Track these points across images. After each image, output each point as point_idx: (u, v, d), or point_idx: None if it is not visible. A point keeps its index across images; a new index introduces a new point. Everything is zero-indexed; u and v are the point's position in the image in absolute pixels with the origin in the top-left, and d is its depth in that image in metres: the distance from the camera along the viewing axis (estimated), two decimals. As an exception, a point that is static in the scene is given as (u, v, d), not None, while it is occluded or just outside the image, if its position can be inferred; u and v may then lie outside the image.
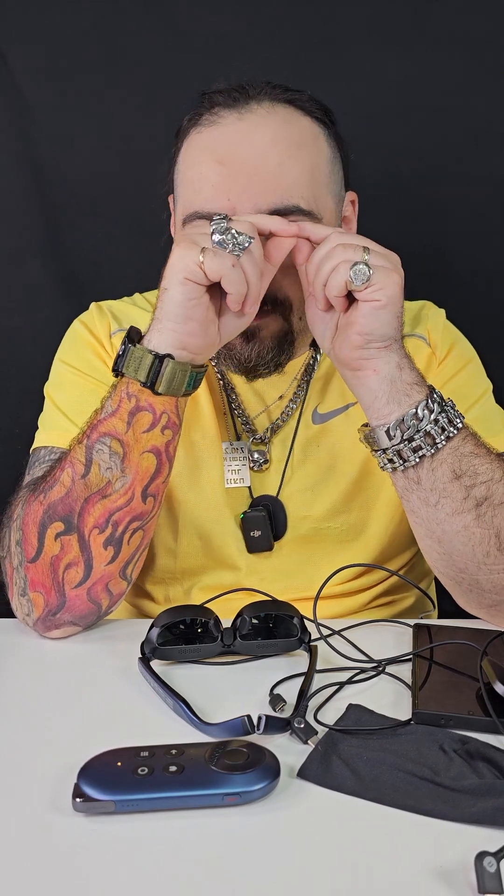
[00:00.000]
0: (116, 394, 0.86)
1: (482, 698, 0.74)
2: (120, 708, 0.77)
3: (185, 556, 1.04)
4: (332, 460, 1.04)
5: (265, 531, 1.02)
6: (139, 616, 1.11)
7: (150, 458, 0.87)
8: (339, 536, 1.04)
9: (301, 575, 1.02)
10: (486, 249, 1.37)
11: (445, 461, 0.85)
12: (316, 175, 0.94)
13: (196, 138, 0.94)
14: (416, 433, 0.84)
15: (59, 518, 0.86)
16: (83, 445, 0.87)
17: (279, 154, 0.91)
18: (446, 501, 0.85)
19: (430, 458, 0.84)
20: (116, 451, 0.86)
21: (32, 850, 0.61)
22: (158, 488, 0.89)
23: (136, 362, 0.84)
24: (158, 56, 1.31)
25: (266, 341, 0.96)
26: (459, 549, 0.86)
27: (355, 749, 0.69)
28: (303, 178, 0.92)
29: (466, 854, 0.57)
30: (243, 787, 0.63)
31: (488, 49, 1.29)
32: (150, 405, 0.86)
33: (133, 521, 0.88)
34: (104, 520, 0.86)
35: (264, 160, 0.90)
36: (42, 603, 0.88)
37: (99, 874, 0.58)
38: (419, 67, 1.30)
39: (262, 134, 0.91)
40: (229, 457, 1.04)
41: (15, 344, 1.39)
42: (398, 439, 0.84)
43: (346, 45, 1.30)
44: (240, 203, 0.89)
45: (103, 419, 0.86)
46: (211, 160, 0.91)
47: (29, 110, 1.32)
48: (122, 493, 0.86)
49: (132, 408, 0.85)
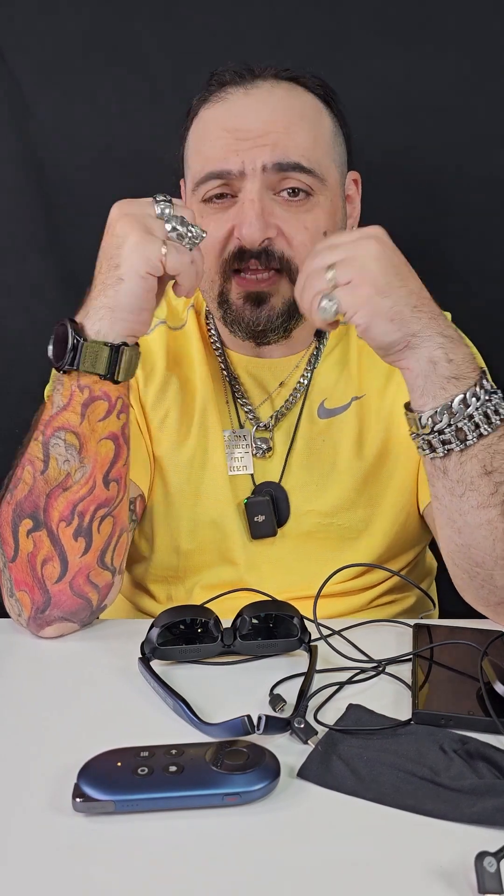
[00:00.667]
0: (65, 388, 0.86)
1: (482, 698, 0.74)
2: (120, 708, 0.77)
3: (188, 547, 1.04)
4: (337, 457, 1.04)
5: (269, 516, 1.02)
6: (140, 615, 1.11)
7: (108, 445, 0.88)
8: (342, 534, 1.04)
9: (303, 572, 1.02)
10: (488, 250, 1.37)
11: (476, 456, 0.82)
12: (319, 141, 0.98)
13: (205, 114, 0.99)
14: (446, 427, 0.81)
15: (27, 515, 0.87)
16: (39, 442, 0.87)
17: (283, 120, 0.96)
18: (472, 494, 0.83)
19: (459, 453, 0.82)
20: (72, 443, 0.86)
21: (32, 850, 0.61)
22: (120, 472, 0.89)
23: (92, 357, 0.84)
24: (159, 56, 1.30)
25: (277, 307, 0.97)
26: (480, 542, 0.84)
27: (355, 749, 0.69)
28: (306, 141, 0.96)
29: (466, 854, 0.57)
30: (243, 787, 0.63)
31: (489, 49, 1.29)
32: (104, 393, 0.86)
33: (99, 509, 0.88)
34: (69, 512, 0.87)
35: (269, 125, 0.95)
36: (29, 602, 0.88)
37: (99, 874, 0.59)
38: (420, 67, 1.30)
39: (266, 105, 0.97)
40: (232, 444, 1.04)
41: (15, 344, 1.39)
42: (429, 430, 0.82)
43: (347, 46, 1.29)
44: (248, 159, 0.94)
45: (55, 414, 0.87)
46: (219, 128, 0.97)
47: (29, 110, 1.32)
48: (83, 484, 0.87)
49: (85, 399, 0.86)
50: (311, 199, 0.97)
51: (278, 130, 0.95)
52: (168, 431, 1.04)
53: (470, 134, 1.32)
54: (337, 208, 1.01)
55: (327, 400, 1.06)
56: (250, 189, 0.95)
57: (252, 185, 0.95)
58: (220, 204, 0.97)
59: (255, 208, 0.94)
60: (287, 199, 0.96)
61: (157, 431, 1.05)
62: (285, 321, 0.98)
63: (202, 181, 0.97)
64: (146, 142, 1.33)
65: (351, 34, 1.29)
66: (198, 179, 0.98)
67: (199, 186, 0.98)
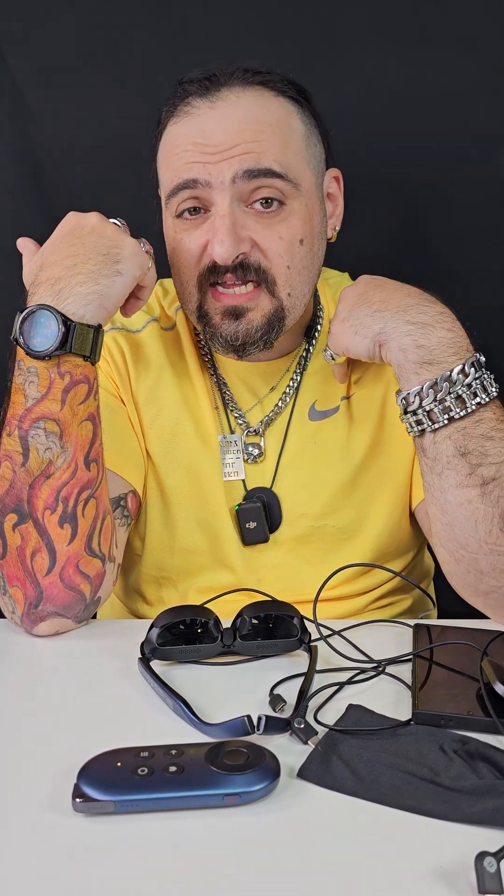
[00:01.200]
0: (42, 378, 0.86)
1: (482, 698, 0.74)
2: (120, 708, 0.77)
3: (182, 550, 1.04)
4: (328, 458, 1.04)
5: (260, 523, 1.02)
6: (133, 618, 1.11)
7: (88, 426, 0.89)
8: (336, 535, 1.04)
9: (299, 575, 1.02)
10: (488, 250, 1.37)
11: (449, 437, 0.86)
12: (290, 146, 0.96)
13: (172, 129, 0.98)
14: (418, 408, 0.87)
15: (11, 510, 0.87)
16: (14, 437, 0.87)
17: (251, 130, 0.94)
18: (450, 474, 0.86)
19: (432, 434, 0.87)
20: (52, 430, 0.86)
21: (32, 850, 0.61)
22: (98, 451, 0.90)
23: (81, 338, 0.86)
24: (159, 57, 1.30)
25: (255, 321, 0.96)
26: (462, 522, 0.86)
27: (355, 749, 0.69)
28: (275, 146, 0.94)
29: (466, 854, 0.57)
30: (243, 787, 0.63)
31: (490, 49, 1.29)
32: (85, 376, 0.88)
33: (82, 492, 0.88)
34: (53, 499, 0.87)
35: (237, 137, 0.93)
36: (21, 597, 0.88)
37: (99, 874, 0.59)
38: (419, 68, 1.29)
39: (232, 118, 0.94)
40: (223, 450, 1.04)
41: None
42: (402, 409, 0.89)
43: (346, 46, 1.29)
44: (216, 172, 0.93)
45: (32, 406, 0.86)
46: (186, 143, 0.95)
47: (29, 110, 1.32)
48: (66, 468, 0.87)
49: (66, 385, 0.86)
50: (284, 209, 0.95)
51: (246, 141, 0.93)
52: (160, 430, 1.04)
53: (470, 134, 1.32)
54: (313, 212, 0.99)
55: (318, 402, 1.06)
56: (221, 204, 0.93)
57: (222, 199, 0.93)
58: (192, 220, 0.96)
59: (225, 224, 0.92)
60: (259, 211, 0.94)
61: (148, 427, 1.05)
62: (265, 334, 0.97)
63: (172, 193, 0.96)
64: (147, 143, 1.32)
65: (350, 34, 1.29)
66: (168, 192, 0.97)
67: (170, 200, 0.97)
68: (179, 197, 0.96)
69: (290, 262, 0.95)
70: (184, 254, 0.97)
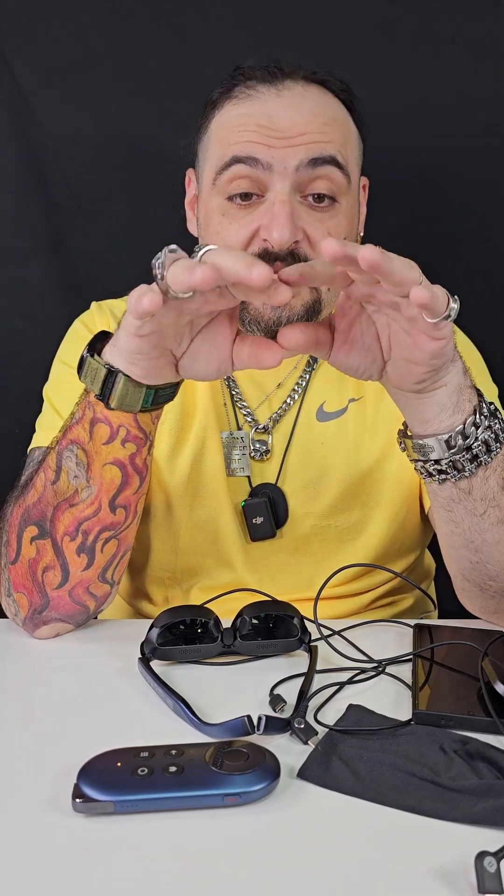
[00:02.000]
0: (81, 402, 0.83)
1: (482, 698, 0.74)
2: (120, 708, 0.77)
3: (186, 550, 1.04)
4: (335, 458, 1.03)
5: (267, 518, 1.02)
6: (137, 617, 1.11)
7: (114, 471, 0.84)
8: (340, 536, 1.04)
9: (301, 574, 1.02)
10: (489, 251, 1.37)
11: (497, 469, 0.80)
12: (348, 142, 0.98)
13: (231, 109, 0.96)
14: (474, 441, 0.77)
15: (33, 522, 0.86)
16: (55, 451, 0.85)
17: (318, 122, 0.94)
18: (494, 511, 0.81)
19: (485, 468, 0.79)
20: (82, 459, 0.84)
21: (32, 850, 0.61)
22: (129, 500, 0.86)
23: (92, 373, 0.79)
24: (159, 57, 1.30)
25: (296, 308, 0.94)
26: (497, 557, 0.83)
27: (355, 749, 0.69)
28: (338, 139, 0.95)
29: (466, 854, 0.57)
30: (243, 787, 0.63)
31: (491, 50, 1.29)
32: (105, 418, 0.82)
33: (104, 532, 0.86)
34: (74, 528, 0.85)
35: (303, 127, 0.93)
36: (26, 603, 0.88)
37: (99, 875, 0.58)
38: (421, 69, 1.29)
39: (301, 108, 0.94)
40: (230, 446, 1.03)
41: (15, 344, 1.39)
42: (457, 449, 0.77)
43: (347, 47, 1.29)
44: (280, 157, 0.92)
45: (71, 425, 0.84)
46: (250, 123, 0.94)
47: (29, 110, 1.32)
48: (89, 504, 0.85)
49: (91, 418, 0.82)
50: (335, 206, 0.95)
51: (314, 131, 0.93)
52: (166, 432, 1.04)
53: (470, 135, 1.32)
54: (355, 214, 1.00)
55: (326, 403, 1.05)
56: (281, 189, 0.92)
57: (283, 185, 0.92)
58: (244, 206, 0.94)
59: (285, 210, 0.91)
60: (312, 205, 0.94)
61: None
62: (302, 320, 0.94)
63: (225, 167, 0.94)
64: (147, 142, 1.32)
65: (350, 35, 1.29)
66: (221, 166, 0.95)
67: (220, 175, 0.95)
68: (232, 172, 0.93)
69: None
70: (231, 238, 0.94)
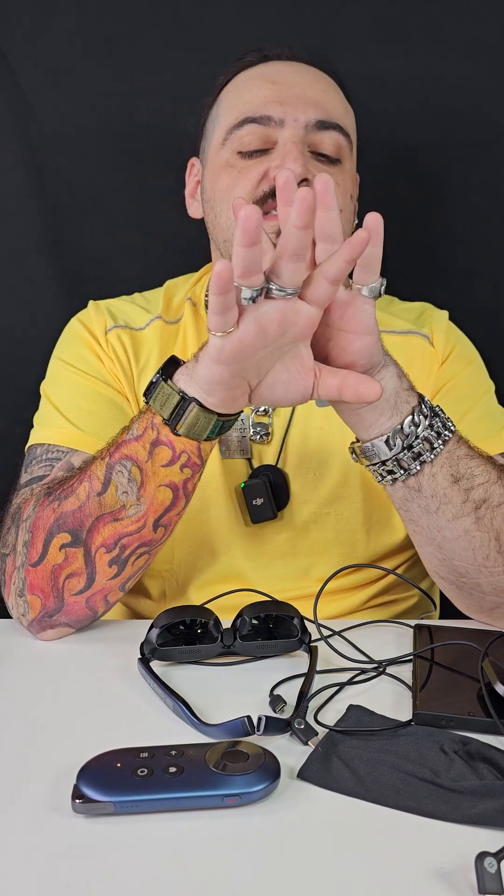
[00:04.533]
0: (143, 420, 0.82)
1: (483, 699, 0.74)
2: (120, 709, 0.77)
3: (182, 539, 1.03)
4: (332, 446, 1.03)
5: (267, 499, 1.01)
6: (132, 615, 1.11)
7: (167, 492, 0.84)
8: (339, 526, 1.04)
9: (298, 564, 1.03)
10: (488, 250, 1.37)
11: (444, 465, 0.82)
12: (349, 113, 1.03)
13: (246, 73, 1.02)
14: (415, 439, 0.80)
15: (67, 530, 0.85)
16: (105, 463, 0.84)
17: (323, 87, 1.00)
18: (447, 507, 0.83)
19: (430, 464, 0.81)
20: (135, 477, 0.83)
21: (32, 850, 0.61)
22: (171, 520, 0.87)
23: (163, 398, 0.79)
24: (159, 56, 1.30)
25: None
26: (460, 553, 0.85)
27: (355, 750, 0.69)
28: (341, 107, 1.01)
29: (467, 855, 0.57)
30: (243, 788, 0.63)
31: (491, 48, 1.29)
32: (169, 442, 0.81)
33: (141, 547, 0.86)
34: (113, 541, 0.85)
35: (312, 88, 0.99)
36: (39, 606, 0.87)
37: (98, 875, 0.58)
38: (420, 68, 1.29)
39: (308, 74, 1.01)
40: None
41: (16, 343, 1.39)
42: (398, 448, 0.81)
43: (346, 45, 1.29)
44: (291, 112, 0.96)
45: (128, 441, 0.83)
46: (264, 82, 1.00)
47: (29, 110, 1.32)
48: (135, 521, 0.84)
49: (154, 439, 0.81)
50: (341, 164, 0.99)
51: (319, 93, 0.98)
52: None
53: (470, 134, 1.32)
54: (354, 186, 1.03)
55: None
56: (292, 134, 0.96)
57: (294, 132, 0.96)
58: (253, 159, 0.98)
59: (298, 147, 0.94)
60: (320, 159, 0.98)
61: None
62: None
63: (238, 125, 0.98)
64: (147, 142, 1.33)
65: (350, 33, 1.29)
66: (233, 125, 0.98)
67: (232, 133, 0.99)
68: (247, 130, 0.97)
69: (342, 206, 0.97)
70: (236, 180, 0.96)
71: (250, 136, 0.97)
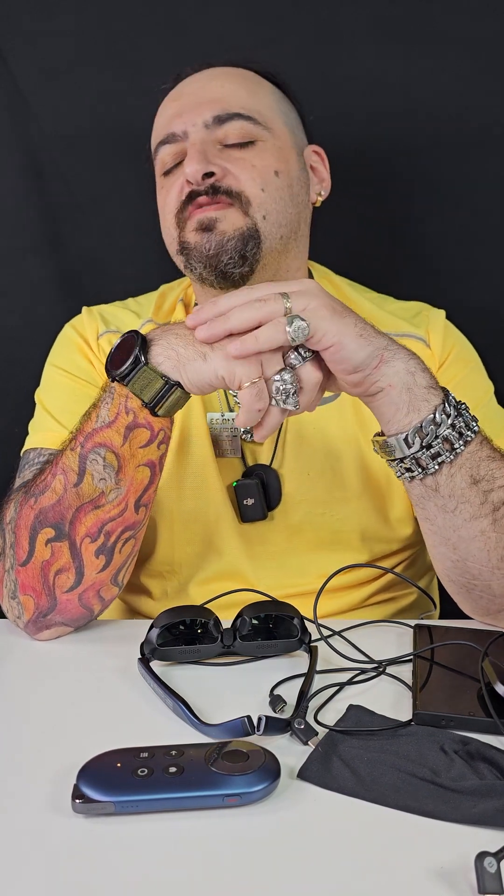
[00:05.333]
0: (114, 405, 0.82)
1: (483, 699, 0.74)
2: (119, 708, 0.77)
3: (179, 537, 1.03)
4: (328, 445, 1.03)
5: (258, 499, 1.02)
6: (132, 614, 1.11)
7: (145, 471, 0.85)
8: (335, 526, 1.04)
9: (294, 563, 1.03)
10: (487, 250, 1.37)
11: (464, 466, 0.81)
12: (259, 96, 1.03)
13: (165, 100, 1.07)
14: (434, 439, 0.79)
15: (50, 524, 0.85)
16: (76, 454, 0.84)
17: (222, 83, 1.02)
18: (464, 507, 0.82)
19: (449, 465, 0.80)
20: (111, 462, 0.83)
21: (32, 850, 0.61)
22: (150, 497, 0.88)
23: (143, 382, 0.80)
24: (159, 56, 1.30)
25: (227, 232, 0.97)
26: (475, 554, 0.84)
27: (355, 750, 0.69)
28: (241, 94, 1.01)
29: (467, 854, 0.57)
30: (243, 788, 0.63)
31: (489, 48, 1.29)
32: (148, 423, 0.82)
33: (125, 531, 0.87)
34: (96, 529, 0.85)
35: (208, 87, 1.02)
36: (33, 606, 0.87)
37: (99, 875, 0.58)
38: (420, 68, 1.29)
39: (210, 76, 1.04)
40: (220, 428, 1.04)
41: (15, 344, 1.39)
42: (417, 447, 0.80)
43: (345, 45, 1.29)
44: (189, 118, 1.00)
45: (98, 429, 0.83)
46: (170, 101, 1.05)
47: (29, 110, 1.32)
48: (116, 505, 0.85)
49: (130, 423, 0.82)
50: (256, 145, 1.00)
51: (216, 90, 1.01)
52: None
53: (468, 133, 1.32)
54: (289, 159, 1.03)
55: None
56: (192, 139, 0.99)
57: (194, 136, 0.99)
58: (175, 173, 1.02)
59: (195, 147, 0.98)
60: (232, 145, 1.00)
61: None
62: (238, 245, 0.96)
63: (156, 151, 1.04)
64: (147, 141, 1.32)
65: (349, 33, 1.29)
66: (154, 151, 1.04)
67: (156, 159, 1.04)
68: (162, 153, 1.03)
69: (263, 185, 0.98)
70: (166, 199, 1.01)
71: (167, 156, 1.02)
